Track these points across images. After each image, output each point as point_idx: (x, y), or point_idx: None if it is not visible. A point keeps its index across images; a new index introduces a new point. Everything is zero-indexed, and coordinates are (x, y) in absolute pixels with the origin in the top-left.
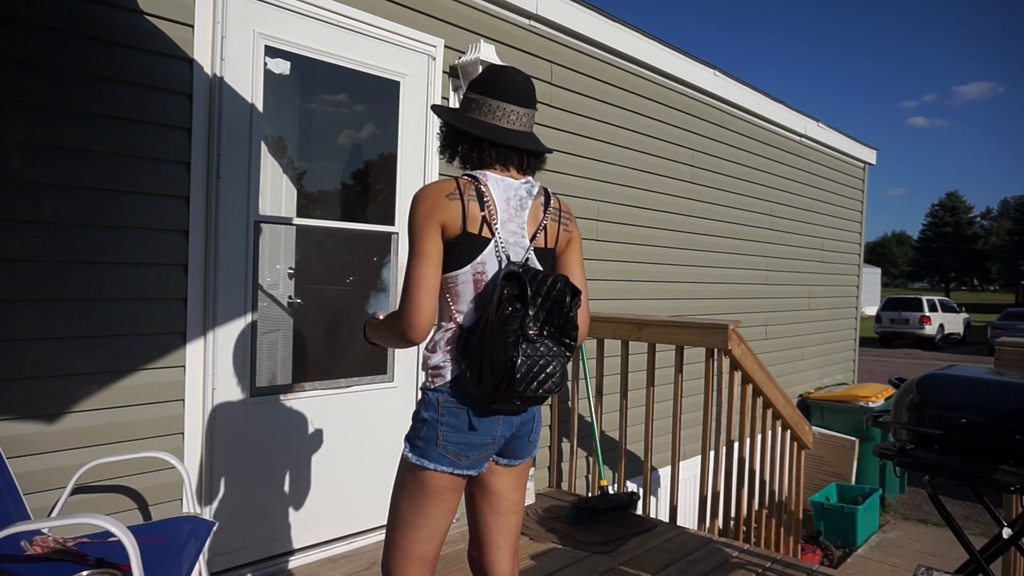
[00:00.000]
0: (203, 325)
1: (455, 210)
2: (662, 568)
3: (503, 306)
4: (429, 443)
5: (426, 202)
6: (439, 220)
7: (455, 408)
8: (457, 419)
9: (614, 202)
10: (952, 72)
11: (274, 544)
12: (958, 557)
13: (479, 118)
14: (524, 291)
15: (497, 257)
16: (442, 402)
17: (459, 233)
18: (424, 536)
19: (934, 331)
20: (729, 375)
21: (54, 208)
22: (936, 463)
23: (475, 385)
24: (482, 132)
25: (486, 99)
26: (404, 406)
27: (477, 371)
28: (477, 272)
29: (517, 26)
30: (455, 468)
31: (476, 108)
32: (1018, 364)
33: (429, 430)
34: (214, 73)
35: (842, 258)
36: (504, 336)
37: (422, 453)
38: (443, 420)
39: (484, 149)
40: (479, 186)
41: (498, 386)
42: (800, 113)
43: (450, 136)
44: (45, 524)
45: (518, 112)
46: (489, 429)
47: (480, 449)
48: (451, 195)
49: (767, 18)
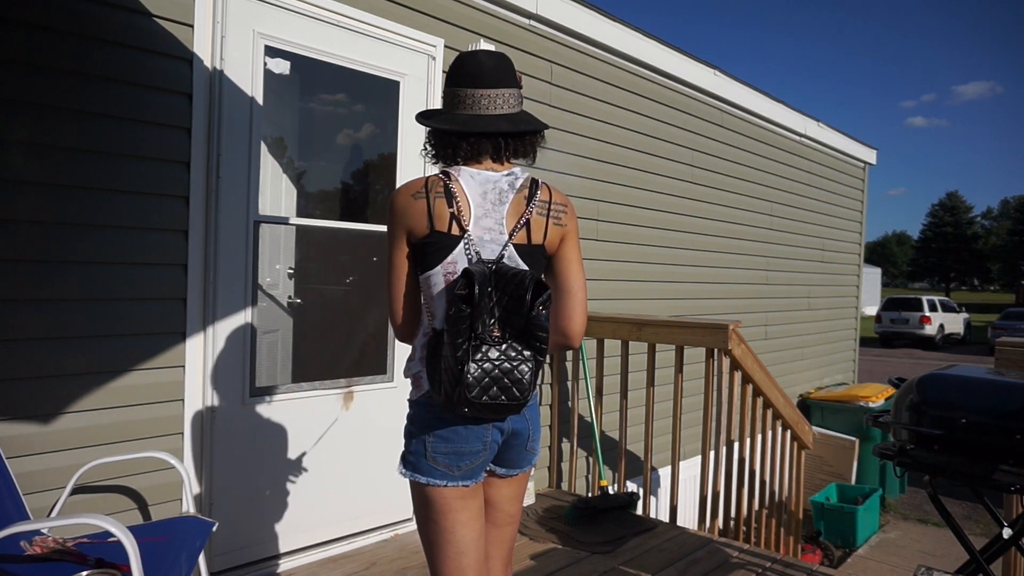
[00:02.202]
0: (203, 325)
1: (420, 210)
2: (662, 568)
3: (450, 306)
4: (419, 456)
5: (395, 205)
6: (405, 225)
7: (436, 417)
8: (443, 428)
9: (614, 202)
10: (951, 72)
11: (274, 544)
12: (958, 557)
13: (455, 112)
14: (472, 290)
15: (467, 256)
16: (426, 414)
17: (427, 233)
18: (452, 553)
19: (934, 331)
20: (729, 375)
21: (54, 208)
22: (936, 463)
23: (436, 392)
24: (449, 125)
25: (453, 90)
26: (404, 406)
27: (436, 377)
28: (448, 272)
29: (517, 26)
30: (448, 480)
31: (449, 102)
32: (1018, 364)
33: (417, 443)
34: (214, 73)
35: (842, 258)
36: (454, 338)
37: (415, 468)
38: (428, 431)
39: (449, 143)
40: (448, 183)
41: (451, 393)
42: (800, 113)
43: (427, 137)
44: (45, 524)
45: (489, 95)
46: (479, 436)
47: (472, 458)
48: (417, 194)
49: (766, 17)
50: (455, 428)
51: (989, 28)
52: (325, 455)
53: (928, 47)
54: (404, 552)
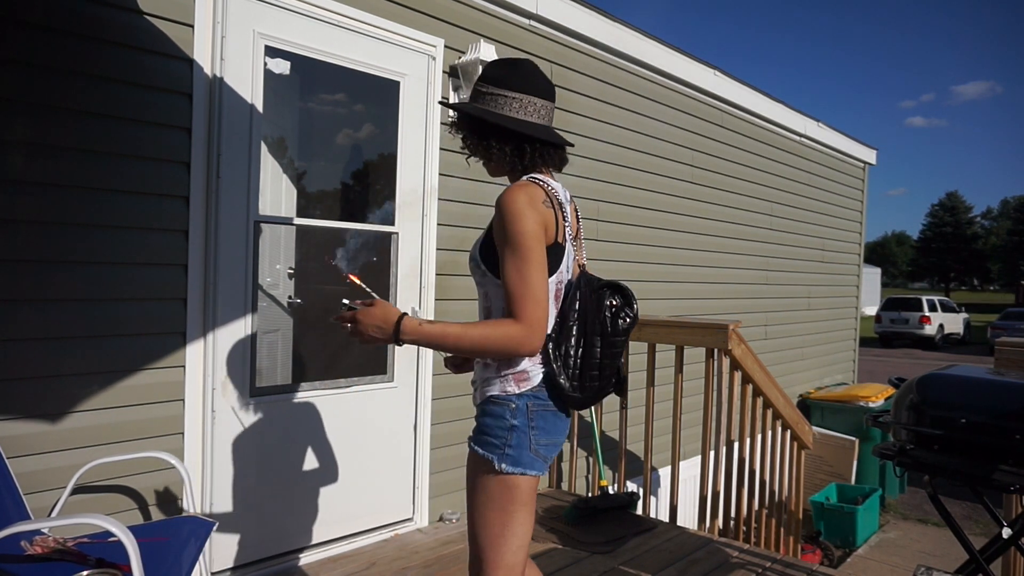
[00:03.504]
0: (203, 325)
1: (551, 218)
2: (662, 568)
3: (620, 317)
4: (522, 449)
5: (533, 211)
6: (544, 229)
7: (543, 411)
8: (545, 421)
9: (614, 202)
10: (950, 72)
11: (274, 544)
12: (958, 557)
13: (524, 117)
14: (629, 300)
15: (567, 264)
16: (531, 407)
17: (552, 243)
18: (517, 546)
19: (934, 331)
20: (729, 375)
21: (54, 208)
22: (936, 463)
23: (574, 388)
24: (536, 133)
25: (526, 97)
26: (404, 406)
27: (582, 375)
28: (559, 281)
29: (517, 26)
30: (542, 470)
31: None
32: (1018, 364)
33: (519, 436)
34: (214, 73)
35: (842, 258)
36: (616, 344)
37: (515, 461)
38: (533, 424)
39: (537, 151)
40: (555, 193)
41: (603, 387)
42: (800, 113)
43: (488, 135)
44: (45, 524)
45: (548, 107)
46: (566, 428)
47: (558, 448)
48: (545, 202)
49: (766, 16)
50: (555, 421)
51: (988, 28)
52: (325, 455)
53: (927, 47)
54: (404, 552)
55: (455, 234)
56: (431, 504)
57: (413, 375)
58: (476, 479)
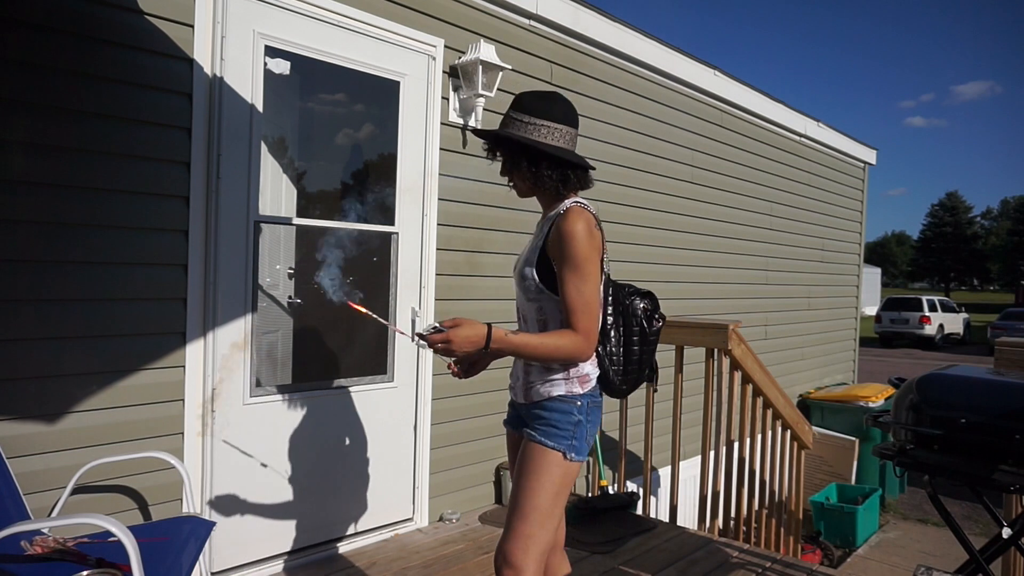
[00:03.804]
0: (203, 325)
1: (599, 240)
2: (662, 568)
3: (653, 319)
4: (583, 440)
5: (591, 235)
6: (597, 251)
7: (594, 406)
8: (594, 415)
9: (614, 202)
10: (949, 72)
11: (274, 544)
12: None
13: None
14: (656, 304)
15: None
16: (589, 404)
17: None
18: (555, 525)
19: (934, 331)
20: (729, 375)
21: (53, 208)
22: (936, 463)
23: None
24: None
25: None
26: (404, 406)
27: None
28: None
29: (517, 26)
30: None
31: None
32: (1018, 364)
33: (581, 429)
34: (214, 73)
35: (842, 258)
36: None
37: (579, 451)
38: (589, 419)
39: (579, 177)
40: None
41: (640, 379)
42: (800, 113)
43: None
44: (45, 524)
45: (576, 135)
46: (601, 419)
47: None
48: (596, 226)
49: (765, 15)
50: (598, 414)
51: (988, 28)
52: (325, 455)
53: (927, 47)
54: (404, 552)
55: (455, 234)
56: (431, 504)
57: (413, 375)
58: (536, 465)
